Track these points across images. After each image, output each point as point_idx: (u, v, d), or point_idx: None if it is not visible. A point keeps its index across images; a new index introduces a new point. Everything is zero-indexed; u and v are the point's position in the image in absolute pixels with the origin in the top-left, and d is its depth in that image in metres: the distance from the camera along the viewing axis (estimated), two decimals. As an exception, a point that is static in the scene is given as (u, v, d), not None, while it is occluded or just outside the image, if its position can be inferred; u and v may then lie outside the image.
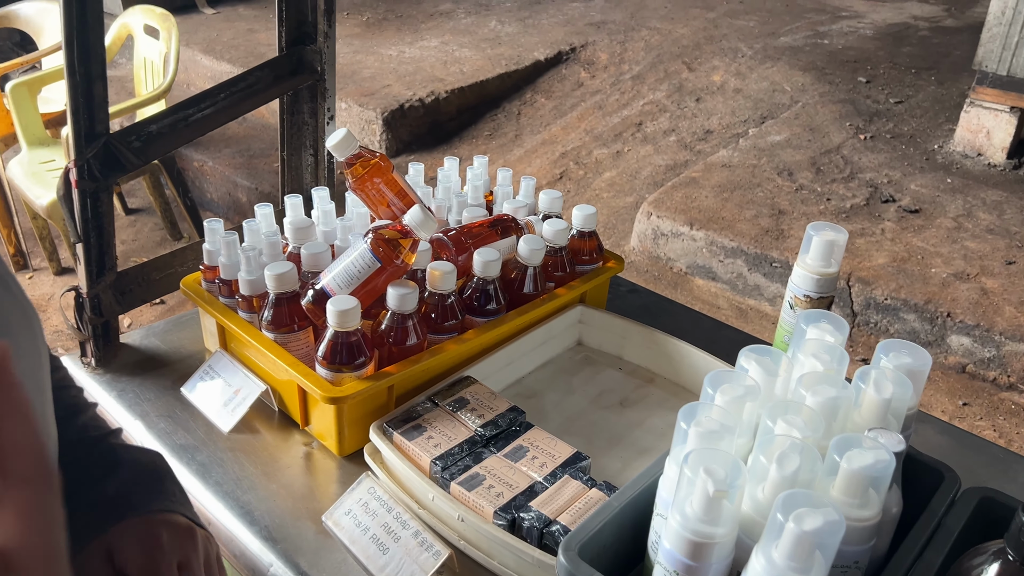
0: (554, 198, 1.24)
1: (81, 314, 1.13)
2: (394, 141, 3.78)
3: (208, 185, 3.72)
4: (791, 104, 3.72)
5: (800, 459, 0.66)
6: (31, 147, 2.95)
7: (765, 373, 0.77)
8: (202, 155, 3.71)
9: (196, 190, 3.68)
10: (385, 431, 0.93)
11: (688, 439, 0.69)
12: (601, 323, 1.20)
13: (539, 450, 0.91)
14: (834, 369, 0.79)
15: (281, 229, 1.16)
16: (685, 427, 0.69)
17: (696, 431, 0.69)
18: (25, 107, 2.92)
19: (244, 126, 4.02)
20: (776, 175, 3.18)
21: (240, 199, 3.56)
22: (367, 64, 4.22)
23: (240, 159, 3.70)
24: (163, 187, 3.23)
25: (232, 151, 3.76)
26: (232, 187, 3.60)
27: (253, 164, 3.66)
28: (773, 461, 0.66)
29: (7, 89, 2.87)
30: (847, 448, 0.67)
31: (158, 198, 3.23)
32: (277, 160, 3.74)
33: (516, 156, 3.76)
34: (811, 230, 1.02)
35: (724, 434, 0.68)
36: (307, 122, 1.29)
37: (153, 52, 2.98)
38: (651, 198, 3.07)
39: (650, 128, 3.75)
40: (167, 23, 2.91)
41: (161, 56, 2.93)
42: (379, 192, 1.12)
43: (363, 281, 0.98)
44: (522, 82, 4.23)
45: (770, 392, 0.78)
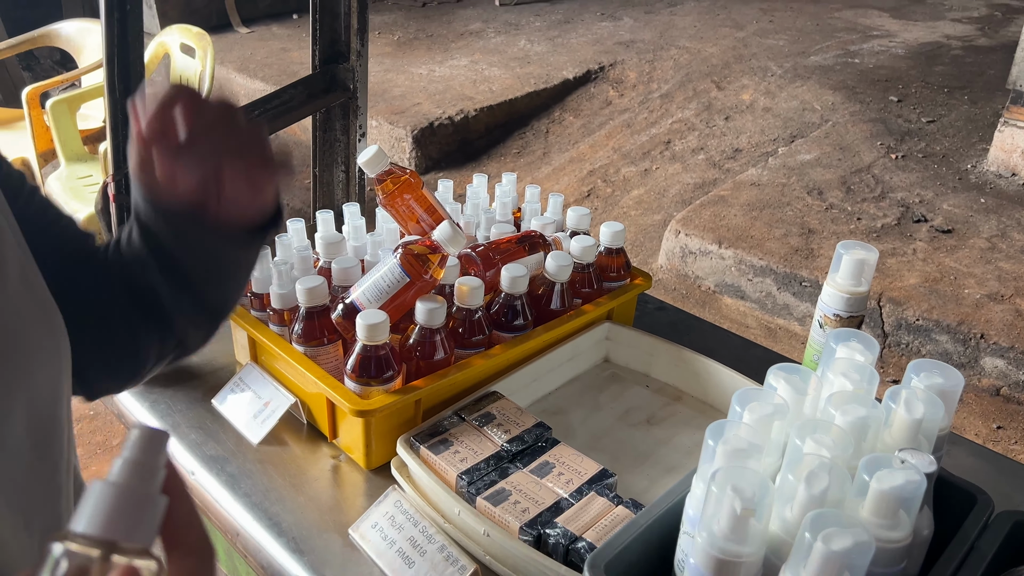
0: (582, 215, 1.25)
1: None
2: (423, 158, 3.81)
3: (240, 201, 3.77)
4: (821, 123, 3.70)
5: (829, 478, 0.65)
6: (69, 163, 3.02)
7: (794, 392, 0.77)
8: (235, 171, 3.76)
9: (228, 206, 3.73)
10: (412, 445, 0.94)
11: (716, 457, 0.69)
12: (628, 340, 1.20)
13: (565, 466, 0.91)
14: (864, 389, 0.78)
15: (312, 244, 1.17)
16: (713, 445, 0.69)
17: (724, 449, 0.68)
18: (64, 123, 2.99)
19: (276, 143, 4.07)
20: (806, 194, 3.16)
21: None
22: (397, 83, 4.27)
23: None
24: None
25: (264, 168, 3.81)
26: (263, 203, 3.64)
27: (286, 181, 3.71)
28: (801, 480, 0.65)
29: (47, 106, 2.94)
30: (877, 468, 0.66)
31: (191, 213, 3.27)
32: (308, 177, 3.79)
33: (544, 174, 3.77)
34: (841, 249, 1.02)
35: (752, 452, 0.68)
36: (339, 139, 1.31)
37: (189, 70, 3.04)
38: (679, 216, 3.06)
39: (678, 146, 3.75)
40: (203, 42, 2.97)
41: (197, 74, 2.98)
42: (409, 208, 1.13)
43: (392, 295, 0.99)
44: (551, 100, 4.25)
45: (799, 411, 0.77)
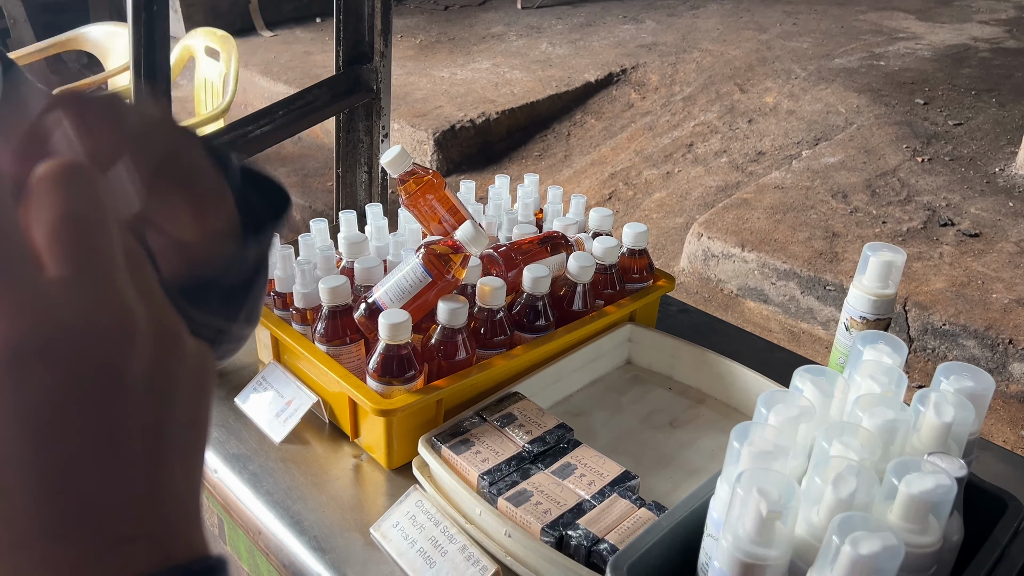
0: (604, 216, 1.24)
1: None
2: (445, 161, 3.82)
3: (263, 203, 3.80)
4: (846, 126, 3.66)
5: (857, 481, 0.64)
6: (96, 165, 3.05)
7: (820, 394, 0.76)
8: (258, 174, 3.79)
9: (251, 208, 3.76)
10: (433, 445, 0.94)
11: (741, 459, 0.68)
12: (651, 342, 1.19)
13: (587, 468, 0.91)
14: (892, 391, 0.77)
15: (335, 244, 1.18)
16: (738, 446, 0.68)
17: (749, 451, 0.67)
18: (92, 126, 3.03)
19: (299, 146, 4.11)
20: (830, 197, 3.13)
21: (294, 217, 3.63)
22: (420, 86, 4.29)
23: (295, 178, 3.78)
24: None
25: (287, 170, 3.84)
26: (286, 205, 3.67)
27: (307, 183, 3.74)
28: (829, 483, 0.65)
29: (75, 109, 2.98)
30: (906, 472, 0.65)
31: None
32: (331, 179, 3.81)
33: (565, 176, 3.77)
34: (868, 250, 1.00)
35: (778, 455, 0.67)
36: (362, 140, 1.32)
37: (213, 73, 3.06)
38: (702, 219, 3.04)
39: (701, 149, 3.73)
40: (227, 45, 3.00)
41: (221, 77, 3.01)
42: (431, 208, 1.13)
43: (414, 295, 0.99)
44: (572, 103, 4.24)
45: (825, 413, 0.76)
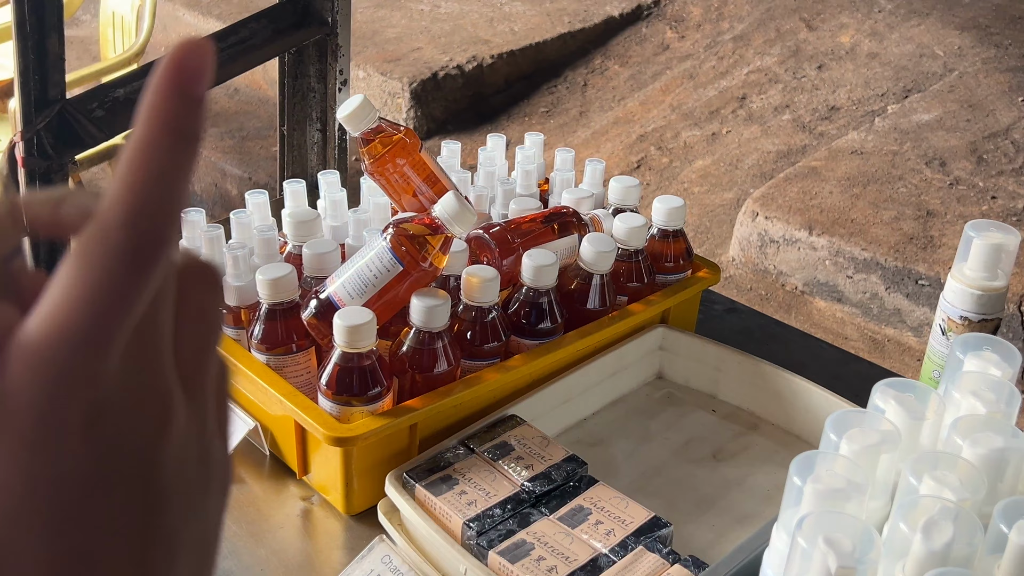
0: (629, 187, 1.24)
1: (26, 328, 1.16)
2: (425, 119, 3.82)
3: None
4: (944, 73, 3.66)
5: (955, 528, 0.64)
6: (-28, 124, 3.06)
7: (908, 415, 0.76)
8: (182, 136, 3.80)
9: (174, 180, 3.77)
10: (405, 483, 0.94)
11: (804, 499, 0.68)
12: (689, 350, 1.19)
13: (605, 513, 0.91)
14: (1001, 412, 0.77)
15: (279, 223, 1.18)
16: (800, 484, 0.68)
17: (814, 489, 0.67)
18: (-34, 74, 3.04)
19: (236, 100, 4.11)
20: (924, 165, 3.13)
21: (229, 191, 3.63)
22: (392, 21, 4.29)
23: (230, 141, 3.78)
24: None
25: (220, 131, 3.84)
26: (219, 177, 3.67)
27: (246, 148, 3.74)
28: (918, 530, 0.65)
29: (-55, 52, 2.99)
30: (1019, 516, 0.65)
31: (127, 189, 3.31)
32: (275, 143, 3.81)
33: (581, 139, 3.77)
34: (971, 231, 1.01)
35: (852, 493, 0.67)
36: (314, 88, 1.32)
37: (124, 6, 3.06)
38: (757, 194, 3.04)
39: (756, 104, 3.73)
40: (142, -31, 3.00)
41: (134, 11, 3.01)
42: (403, 177, 1.13)
43: (380, 289, 0.99)
44: (589, 45, 4.24)
45: (914, 440, 0.76)
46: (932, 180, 3.06)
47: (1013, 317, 2.55)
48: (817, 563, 0.62)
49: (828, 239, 2.83)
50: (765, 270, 2.97)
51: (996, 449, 0.72)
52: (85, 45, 4.35)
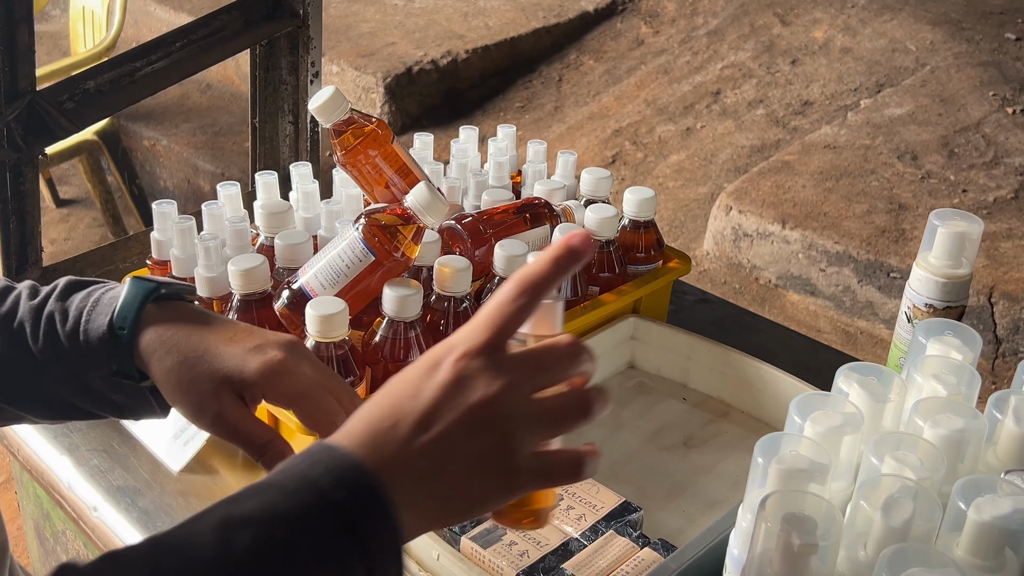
0: (600, 178, 1.26)
1: (-3, 320, 1.16)
2: (399, 114, 3.82)
3: (161, 169, 3.78)
4: (916, 68, 3.70)
5: (914, 506, 0.66)
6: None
7: (870, 398, 0.78)
8: (154, 131, 3.78)
9: (146, 176, 3.76)
10: (378, 471, 0.94)
11: (768, 479, 0.69)
12: (660, 340, 1.21)
13: (576, 499, 0.92)
14: (961, 394, 0.79)
15: (251, 214, 1.18)
16: (764, 463, 0.70)
17: (778, 469, 0.69)
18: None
19: (208, 95, 4.09)
20: (896, 159, 3.16)
21: (202, 187, 3.62)
22: (365, 16, 4.28)
23: (203, 137, 3.76)
24: (104, 172, 3.30)
25: (192, 127, 3.83)
26: (192, 172, 3.66)
27: (219, 143, 3.72)
28: (879, 508, 0.66)
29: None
30: (976, 494, 0.67)
31: (98, 185, 3.29)
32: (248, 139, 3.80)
33: (556, 133, 3.78)
34: (935, 219, 1.02)
35: (815, 473, 0.69)
36: (285, 80, 1.32)
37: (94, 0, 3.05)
38: (731, 188, 3.07)
39: (731, 98, 3.76)
40: (113, -37, 2.99)
41: (104, 5, 3.00)
42: (375, 168, 1.14)
43: (352, 279, 1.00)
44: (564, 40, 4.26)
45: (876, 422, 0.78)
46: (904, 174, 3.10)
47: (984, 309, 2.59)
48: (781, 541, 0.63)
49: (801, 233, 2.86)
50: (739, 264, 2.99)
51: (956, 430, 0.73)
52: (55, 40, 4.32)
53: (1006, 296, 2.58)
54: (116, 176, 3.16)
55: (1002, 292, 2.58)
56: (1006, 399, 0.77)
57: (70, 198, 3.71)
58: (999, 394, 0.77)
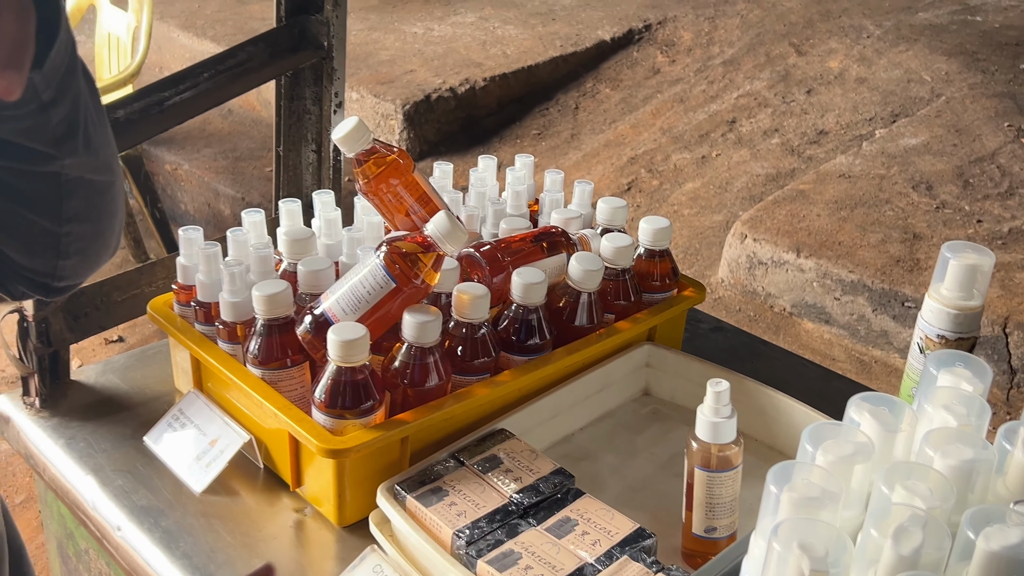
0: (616, 207, 1.27)
1: (25, 342, 1.18)
2: (417, 141, 3.86)
3: (183, 194, 3.82)
4: (931, 98, 3.71)
5: (924, 535, 0.66)
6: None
7: (881, 428, 0.78)
8: (176, 156, 3.83)
9: (168, 199, 3.80)
10: (397, 494, 0.96)
11: (780, 507, 0.70)
12: (675, 367, 1.22)
13: (591, 524, 0.93)
14: (971, 425, 0.79)
15: (274, 241, 1.20)
16: (776, 492, 0.71)
17: (791, 497, 0.70)
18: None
19: (229, 121, 4.14)
20: (911, 189, 3.17)
21: (222, 211, 3.66)
22: (385, 44, 4.33)
23: (223, 161, 3.81)
24: (127, 195, 3.34)
25: (214, 151, 3.87)
26: (213, 196, 3.70)
27: (240, 168, 3.76)
28: (889, 537, 0.67)
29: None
30: (986, 523, 0.68)
31: (120, 208, 3.33)
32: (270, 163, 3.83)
33: (572, 161, 3.81)
34: (947, 251, 1.03)
35: (826, 501, 0.69)
36: (309, 110, 1.35)
37: (120, 26, 3.10)
38: (746, 216, 3.08)
39: (746, 127, 3.78)
40: (139, -9, 3.04)
41: (129, 31, 3.05)
42: (396, 196, 1.16)
43: (373, 305, 1.02)
44: (581, 68, 4.29)
45: (887, 452, 0.79)
46: (919, 204, 3.10)
47: (999, 339, 2.58)
48: (792, 567, 0.64)
49: (816, 261, 2.86)
50: (754, 292, 3.00)
51: (966, 460, 0.74)
52: (80, 65, 4.37)
53: (1021, 326, 2.57)
54: (138, 199, 3.20)
55: (1017, 322, 2.58)
56: (1015, 430, 0.77)
57: (92, 221, 3.75)
58: (1008, 425, 0.78)
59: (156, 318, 1.16)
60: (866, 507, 0.75)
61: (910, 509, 0.69)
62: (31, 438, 1.18)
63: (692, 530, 0.97)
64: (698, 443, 0.94)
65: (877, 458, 0.77)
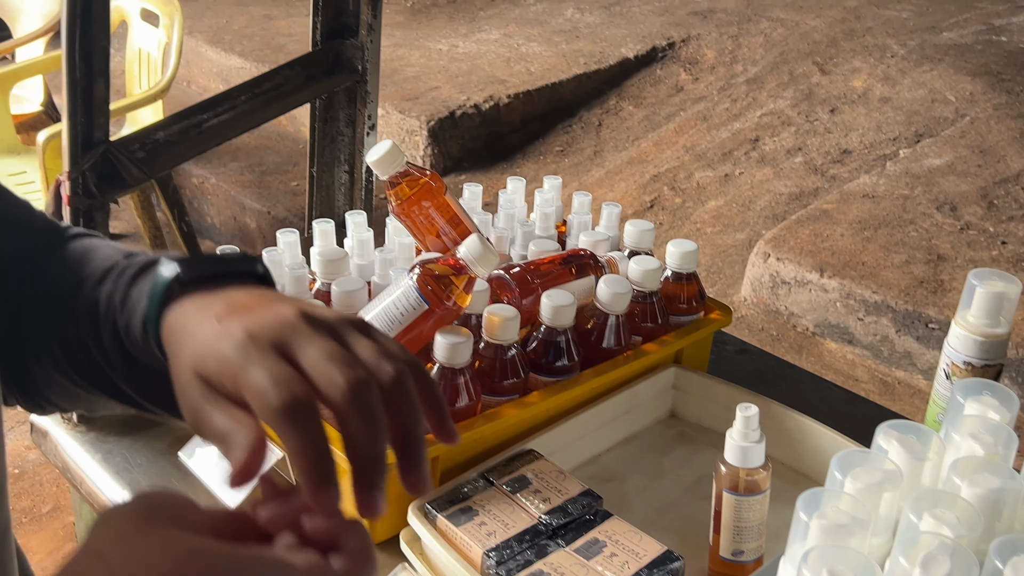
0: (644, 230, 1.29)
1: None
2: (441, 157, 3.88)
3: (209, 207, 3.86)
4: (956, 118, 3.71)
5: (952, 564, 0.68)
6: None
7: (909, 456, 0.80)
8: (203, 170, 3.87)
9: (194, 212, 3.84)
10: (427, 513, 0.97)
11: (809, 534, 0.72)
12: (701, 390, 1.23)
13: (619, 546, 0.94)
14: (999, 454, 0.80)
15: (307, 261, 1.22)
16: (806, 519, 0.72)
17: (820, 524, 0.71)
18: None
19: (256, 135, 4.18)
20: (935, 210, 3.17)
21: (248, 224, 3.69)
22: (410, 61, 4.37)
23: (249, 176, 3.84)
24: (154, 208, 3.38)
25: (240, 166, 3.91)
26: (238, 210, 3.73)
27: (265, 182, 3.80)
28: (917, 565, 0.68)
29: (-26, 85, 3.06)
30: (1013, 553, 0.69)
31: (147, 221, 3.37)
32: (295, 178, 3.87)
33: (595, 178, 3.82)
34: (974, 279, 1.04)
35: (855, 529, 0.71)
36: (343, 132, 1.37)
37: (151, 42, 3.14)
38: (769, 235, 3.08)
39: (769, 146, 3.78)
40: (169, 7, 3.08)
41: (160, 47, 3.09)
42: (428, 218, 1.18)
43: (406, 326, 1.03)
44: (605, 85, 4.31)
45: (915, 480, 0.80)
46: (943, 225, 3.10)
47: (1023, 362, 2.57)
48: (821, 594, 0.65)
49: (839, 281, 2.87)
50: (776, 311, 3.00)
51: (993, 489, 0.75)
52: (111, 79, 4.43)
53: (1045, 349, 2.56)
54: (166, 212, 3.23)
55: (1041, 345, 2.57)
56: (1043, 460, 0.78)
57: (119, 232, 3.80)
58: (1036, 455, 0.79)
59: (192, 336, 1.18)
60: (894, 535, 0.77)
61: (938, 538, 0.70)
62: (68, 452, 1.20)
63: (719, 553, 0.98)
64: (726, 467, 0.95)
65: (905, 486, 0.78)
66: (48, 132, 2.76)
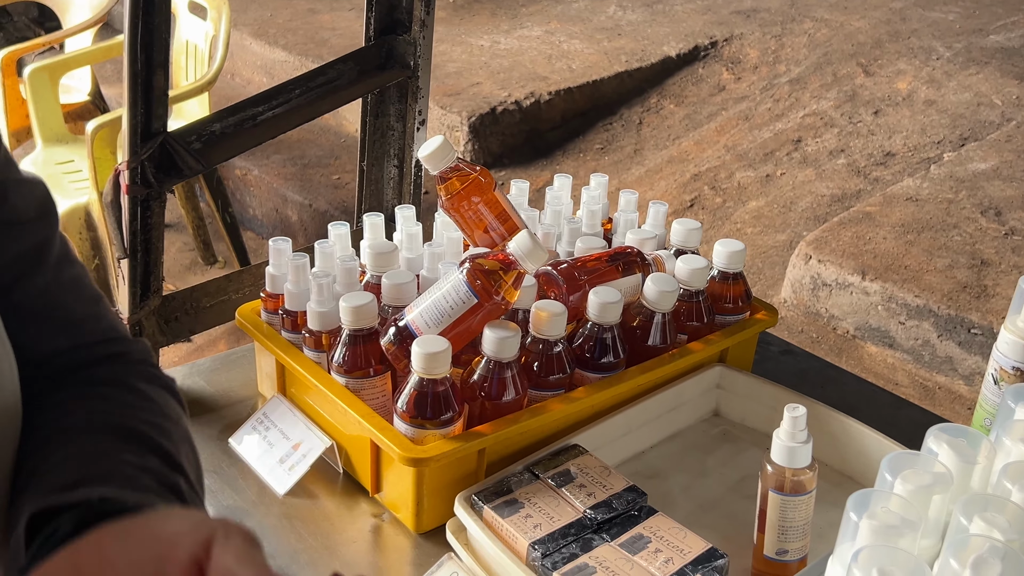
0: (691, 229, 1.29)
1: (118, 344, 1.23)
2: (482, 152, 3.90)
3: (251, 199, 3.91)
4: (1002, 122, 3.67)
5: (1002, 566, 0.68)
6: (47, 144, 3.18)
7: (959, 459, 0.80)
8: (246, 161, 3.91)
9: (236, 203, 3.87)
10: (474, 504, 0.99)
11: (859, 534, 0.72)
12: (746, 389, 1.23)
13: (664, 542, 0.95)
14: (1051, 459, 0.80)
15: (358, 252, 1.24)
16: (856, 519, 0.72)
17: (870, 524, 0.71)
18: (45, 97, 3.16)
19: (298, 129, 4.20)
20: (979, 214, 3.14)
21: (289, 217, 3.73)
22: (452, 56, 4.38)
23: (292, 168, 3.88)
24: (198, 199, 3.42)
25: (282, 158, 3.95)
26: (280, 202, 3.77)
27: (307, 175, 3.84)
28: (967, 567, 0.68)
29: (25, 74, 3.11)
30: (1065, 558, 0.69)
31: (191, 212, 3.42)
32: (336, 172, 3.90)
33: (635, 176, 3.82)
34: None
35: (905, 530, 0.71)
36: (393, 127, 1.39)
37: (198, 34, 3.18)
38: (810, 237, 3.07)
39: (812, 147, 3.76)
40: (217, 0, 3.12)
41: (207, 39, 3.13)
42: (477, 213, 1.19)
43: (455, 320, 1.05)
44: (646, 84, 4.30)
45: (965, 483, 0.80)
46: (987, 229, 3.07)
47: (1066, 369, 2.55)
48: (871, 593, 0.66)
49: (881, 285, 2.85)
50: (817, 313, 2.99)
51: (1044, 494, 0.75)
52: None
53: (1090, 357, 2.53)
54: (210, 203, 3.27)
55: (1086, 353, 2.54)
56: (1095, 466, 0.78)
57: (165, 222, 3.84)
58: (1088, 461, 0.79)
59: (245, 324, 1.20)
60: (943, 537, 0.77)
61: (988, 540, 0.70)
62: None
63: (764, 552, 0.99)
64: (773, 467, 0.96)
65: (955, 489, 0.78)
66: (97, 122, 2.80)
